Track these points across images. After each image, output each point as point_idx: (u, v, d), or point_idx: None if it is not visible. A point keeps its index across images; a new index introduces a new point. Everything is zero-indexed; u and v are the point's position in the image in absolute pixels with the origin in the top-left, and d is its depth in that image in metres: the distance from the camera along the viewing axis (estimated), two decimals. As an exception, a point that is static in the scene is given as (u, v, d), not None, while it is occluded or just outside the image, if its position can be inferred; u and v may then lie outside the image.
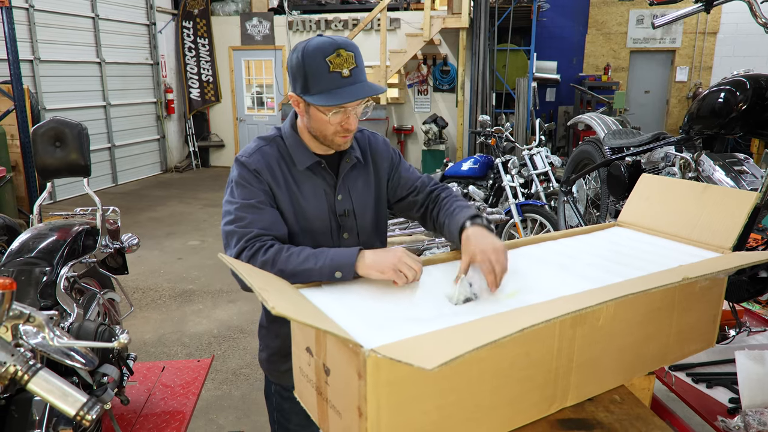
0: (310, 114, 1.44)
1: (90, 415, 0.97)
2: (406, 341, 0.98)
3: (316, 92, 1.38)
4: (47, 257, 1.96)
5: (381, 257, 1.30)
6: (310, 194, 1.51)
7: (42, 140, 2.36)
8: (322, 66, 1.36)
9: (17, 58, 5.78)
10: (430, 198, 1.66)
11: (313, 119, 1.44)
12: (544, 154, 5.31)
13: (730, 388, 1.69)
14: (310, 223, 1.51)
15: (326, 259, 1.31)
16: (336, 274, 1.30)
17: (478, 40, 8.90)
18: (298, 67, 1.39)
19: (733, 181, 2.00)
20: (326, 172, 1.53)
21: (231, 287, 4.89)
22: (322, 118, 1.42)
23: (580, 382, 1.24)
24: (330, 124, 1.43)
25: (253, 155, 1.49)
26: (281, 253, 1.34)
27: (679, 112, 11.33)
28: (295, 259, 1.33)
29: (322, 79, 1.37)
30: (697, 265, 1.40)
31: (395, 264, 1.27)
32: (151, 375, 2.40)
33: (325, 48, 1.36)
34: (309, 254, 1.33)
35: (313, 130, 1.47)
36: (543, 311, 1.03)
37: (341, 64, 1.36)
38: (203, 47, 10.59)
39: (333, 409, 1.09)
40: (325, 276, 1.30)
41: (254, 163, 1.47)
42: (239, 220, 1.41)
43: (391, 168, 1.66)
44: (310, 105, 1.41)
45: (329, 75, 1.36)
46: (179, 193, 8.85)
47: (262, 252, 1.35)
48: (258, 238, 1.38)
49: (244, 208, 1.42)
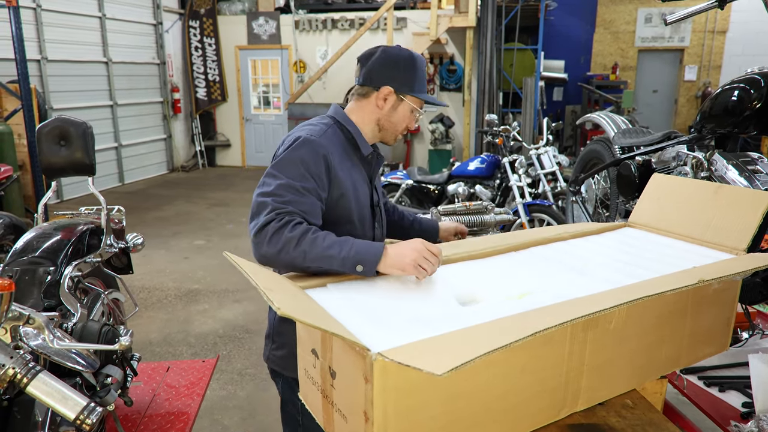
0: (397, 109, 1.58)
1: (90, 419, 0.95)
2: (415, 344, 0.96)
3: (420, 90, 1.58)
4: (51, 257, 1.94)
5: (401, 254, 1.29)
6: (360, 182, 1.60)
7: (47, 139, 2.35)
8: (424, 71, 1.60)
9: (24, 57, 5.79)
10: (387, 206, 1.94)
11: (397, 114, 1.59)
12: (552, 153, 5.27)
13: (743, 392, 1.66)
14: (362, 208, 1.59)
15: (350, 250, 1.29)
16: (357, 268, 1.29)
17: (485, 39, 8.86)
18: (409, 66, 1.55)
19: (746, 181, 1.96)
20: (367, 164, 1.64)
21: (237, 287, 4.89)
22: (407, 115, 1.59)
23: (591, 386, 1.21)
24: (408, 121, 1.61)
25: (323, 136, 1.50)
26: (308, 233, 1.32)
27: (687, 111, 11.26)
28: (321, 243, 1.30)
29: (423, 81, 1.60)
30: (712, 266, 1.37)
31: (415, 259, 1.27)
32: (155, 375, 2.39)
33: (423, 59, 1.61)
34: (334, 241, 1.31)
35: (389, 123, 1.59)
36: (554, 314, 1.01)
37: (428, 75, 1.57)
38: (210, 47, 10.60)
39: (338, 413, 1.07)
40: (347, 267, 1.29)
41: (323, 145, 1.47)
42: (278, 195, 1.39)
43: None
44: (403, 101, 1.57)
45: (425, 80, 1.62)
46: (185, 192, 8.86)
47: (290, 227, 1.33)
48: (286, 215, 1.36)
49: (287, 188, 1.40)
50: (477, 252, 1.50)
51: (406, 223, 1.91)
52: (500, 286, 1.29)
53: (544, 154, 5.22)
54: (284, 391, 1.66)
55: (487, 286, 1.29)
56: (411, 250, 1.29)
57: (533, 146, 5.33)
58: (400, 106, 1.57)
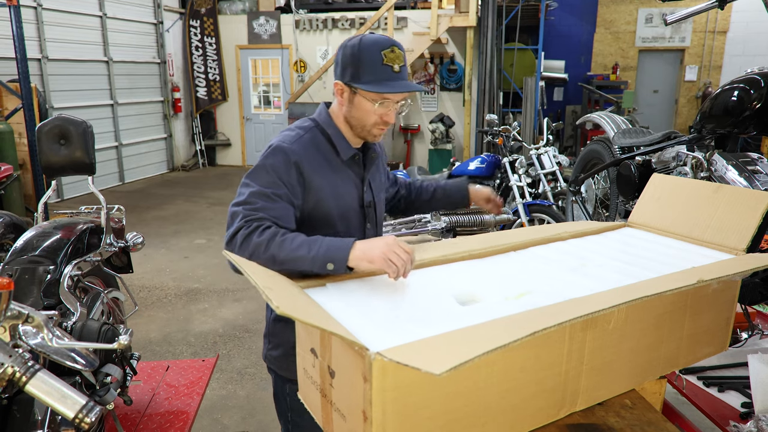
0: (354, 103, 1.48)
1: (89, 417, 0.95)
2: (413, 344, 0.96)
3: (367, 81, 1.43)
4: (51, 256, 1.95)
5: (370, 246, 1.27)
6: (346, 184, 1.55)
7: (47, 138, 2.35)
8: (376, 57, 1.43)
9: (25, 56, 5.79)
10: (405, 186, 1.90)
11: (356, 108, 1.48)
12: (552, 153, 5.27)
13: (743, 392, 1.66)
14: (345, 211, 1.55)
15: (320, 249, 1.28)
16: (328, 266, 1.27)
17: (485, 38, 8.85)
18: (353, 55, 1.44)
19: (746, 181, 1.96)
20: (357, 165, 1.59)
21: (237, 286, 4.89)
22: (367, 108, 1.47)
23: (590, 386, 1.21)
24: (373, 114, 1.48)
25: (295, 143, 1.48)
26: (275, 237, 1.31)
27: (688, 111, 11.25)
28: (288, 245, 1.29)
29: (375, 68, 1.43)
30: (711, 266, 1.37)
31: (384, 252, 1.24)
32: (155, 374, 2.39)
33: (382, 42, 1.44)
34: (303, 241, 1.30)
35: (353, 119, 1.50)
36: (553, 314, 1.01)
37: (394, 59, 1.43)
38: (210, 46, 10.59)
39: (337, 413, 1.07)
40: (317, 266, 1.27)
41: (296, 152, 1.46)
42: (249, 203, 1.39)
43: (384, 164, 1.78)
44: (357, 93, 1.46)
45: (382, 66, 1.43)
46: (186, 191, 8.86)
47: (258, 233, 1.32)
48: (254, 222, 1.36)
49: (258, 195, 1.40)
50: (476, 251, 1.49)
51: (426, 196, 1.85)
52: (499, 285, 1.29)
53: (545, 154, 5.22)
54: (276, 386, 1.68)
55: (486, 285, 1.29)
56: (381, 243, 1.27)
57: (533, 146, 5.32)
58: (356, 99, 1.47)
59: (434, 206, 1.87)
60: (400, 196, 1.89)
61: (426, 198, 1.86)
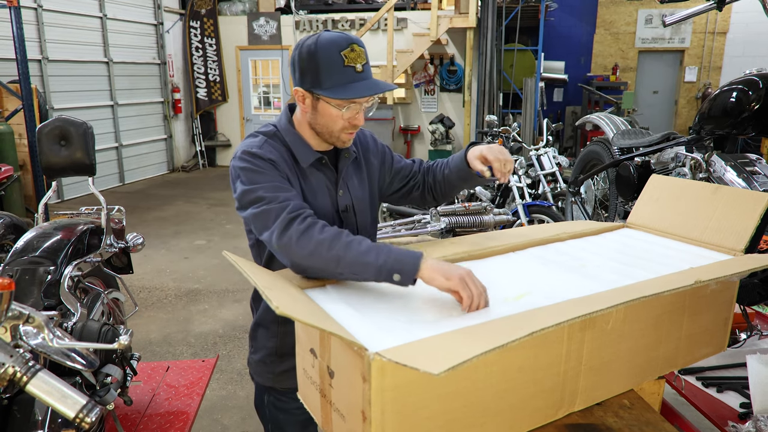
0: (318, 109, 1.39)
1: (89, 417, 0.96)
2: (412, 344, 0.96)
3: (329, 86, 1.34)
4: (51, 256, 1.95)
5: (447, 265, 1.19)
6: (315, 190, 1.46)
7: (47, 139, 2.36)
8: (336, 60, 1.32)
9: (25, 57, 5.80)
10: (426, 173, 1.69)
11: (320, 114, 1.39)
12: (552, 154, 5.27)
13: (741, 392, 1.66)
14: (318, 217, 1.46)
15: (388, 258, 1.19)
16: (394, 276, 1.19)
17: (485, 39, 8.86)
18: (310, 60, 1.33)
19: (744, 182, 1.97)
20: (327, 168, 1.49)
21: (237, 287, 4.89)
22: (332, 113, 1.38)
23: (589, 386, 1.21)
24: (340, 120, 1.38)
25: (263, 147, 1.40)
26: (341, 237, 1.22)
27: (687, 112, 11.26)
28: (356, 247, 1.21)
29: (336, 72, 1.33)
30: (709, 267, 1.38)
31: (463, 276, 1.15)
32: (155, 375, 2.40)
33: (340, 42, 1.33)
34: (370, 247, 1.21)
35: (318, 126, 1.42)
36: (552, 314, 1.01)
37: (355, 58, 1.34)
38: (210, 47, 10.61)
39: (337, 413, 1.08)
40: (383, 276, 1.19)
41: (268, 154, 1.38)
42: (271, 199, 1.29)
43: (383, 163, 1.64)
44: (319, 100, 1.37)
45: (344, 69, 1.33)
46: (186, 192, 8.87)
47: (318, 229, 1.24)
48: (301, 211, 1.27)
49: (272, 189, 1.31)
50: (475, 252, 1.50)
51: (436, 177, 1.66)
52: (498, 286, 1.29)
53: (544, 155, 5.22)
54: (257, 396, 1.64)
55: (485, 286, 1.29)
56: (460, 267, 1.18)
57: (533, 147, 5.33)
58: (319, 106, 1.38)
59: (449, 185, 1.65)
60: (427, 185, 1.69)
61: (439, 178, 1.66)
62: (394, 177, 1.67)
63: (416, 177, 1.69)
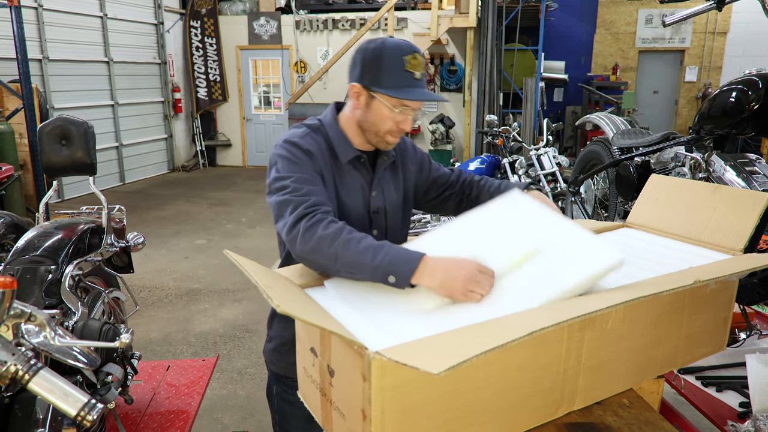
0: (371, 107, 1.43)
1: (91, 415, 0.96)
2: (412, 344, 0.96)
3: (388, 86, 1.39)
4: (52, 255, 1.95)
5: (448, 272, 1.17)
6: (349, 187, 1.50)
7: (48, 138, 2.36)
8: (399, 63, 1.38)
9: (26, 57, 5.81)
10: (465, 185, 1.69)
11: (372, 112, 1.43)
12: (552, 154, 5.28)
13: (741, 392, 1.67)
14: (346, 216, 1.49)
15: (384, 258, 1.18)
16: (389, 279, 1.18)
17: (485, 39, 8.87)
18: (374, 59, 1.39)
19: (744, 182, 1.97)
20: (364, 168, 1.53)
21: (237, 286, 4.89)
22: (384, 113, 1.42)
23: (588, 385, 1.22)
24: (389, 121, 1.43)
25: (305, 138, 1.45)
26: (342, 233, 1.23)
27: (688, 112, 11.26)
28: (354, 246, 1.21)
29: (396, 74, 1.39)
30: (709, 267, 1.38)
31: (465, 286, 1.16)
32: (156, 374, 2.40)
33: (404, 48, 1.40)
34: (369, 246, 1.21)
35: (367, 123, 1.45)
36: (551, 314, 1.02)
37: (416, 65, 1.40)
38: (211, 46, 10.61)
39: (337, 411, 1.08)
40: (378, 277, 1.19)
41: (307, 145, 1.42)
42: (295, 190, 1.33)
43: (420, 171, 1.67)
44: (374, 98, 1.41)
45: (404, 72, 1.39)
46: (186, 192, 8.88)
47: (324, 225, 1.26)
48: (318, 207, 1.30)
49: (300, 181, 1.35)
50: (475, 252, 1.50)
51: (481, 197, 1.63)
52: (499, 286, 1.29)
53: (544, 155, 5.23)
54: (269, 383, 1.70)
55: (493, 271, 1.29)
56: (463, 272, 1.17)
57: (533, 147, 5.34)
58: (373, 104, 1.42)
59: None
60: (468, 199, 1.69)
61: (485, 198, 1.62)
62: (431, 185, 1.69)
63: (453, 187, 1.69)
